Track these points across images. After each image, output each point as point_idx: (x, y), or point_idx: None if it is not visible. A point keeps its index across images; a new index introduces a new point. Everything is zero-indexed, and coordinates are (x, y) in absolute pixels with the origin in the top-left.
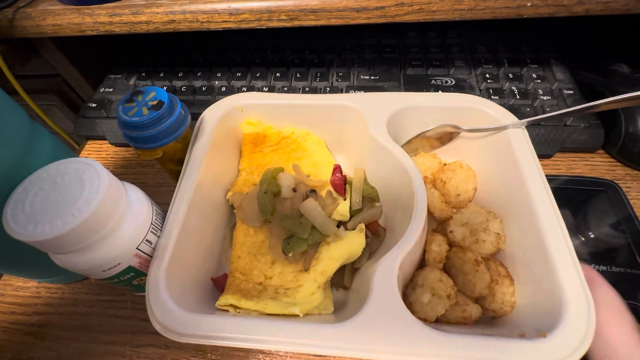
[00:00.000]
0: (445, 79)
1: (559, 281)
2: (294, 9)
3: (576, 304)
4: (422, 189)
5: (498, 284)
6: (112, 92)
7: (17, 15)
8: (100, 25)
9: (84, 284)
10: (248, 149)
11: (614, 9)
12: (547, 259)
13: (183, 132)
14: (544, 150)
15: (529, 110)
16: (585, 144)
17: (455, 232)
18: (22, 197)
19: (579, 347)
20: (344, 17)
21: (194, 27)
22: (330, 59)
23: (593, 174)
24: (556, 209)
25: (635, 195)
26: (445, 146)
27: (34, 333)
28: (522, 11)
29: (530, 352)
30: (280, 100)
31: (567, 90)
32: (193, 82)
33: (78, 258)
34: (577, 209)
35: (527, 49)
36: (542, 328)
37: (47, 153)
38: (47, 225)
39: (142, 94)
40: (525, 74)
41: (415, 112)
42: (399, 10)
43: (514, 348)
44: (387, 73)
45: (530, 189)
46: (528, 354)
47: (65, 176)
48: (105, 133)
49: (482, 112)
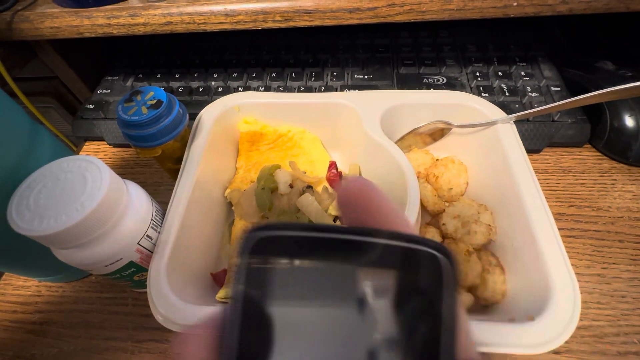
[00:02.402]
0: (437, 77)
1: (546, 269)
2: (289, 10)
3: (562, 289)
4: (415, 183)
5: (489, 273)
6: (109, 93)
7: (15, 18)
8: (98, 28)
9: (85, 282)
10: (245, 147)
11: (596, 8)
12: (535, 248)
13: (181, 130)
14: (533, 145)
15: (517, 106)
16: (572, 139)
17: (448, 225)
18: (26, 194)
19: (565, 329)
20: (337, 17)
21: (191, 28)
22: (324, 59)
23: (580, 168)
24: (544, 201)
25: (620, 187)
26: (437, 142)
27: (35, 331)
28: (508, 10)
29: (519, 335)
30: (276, 99)
31: (554, 87)
32: (190, 83)
33: (81, 253)
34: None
35: (516, 47)
36: (531, 313)
37: (48, 152)
38: (52, 220)
39: (141, 93)
40: (514, 72)
41: (408, 109)
42: (390, 10)
43: (504, 331)
44: (380, 72)
45: (519, 182)
46: (518, 336)
47: (68, 173)
48: (103, 134)
49: (472, 108)
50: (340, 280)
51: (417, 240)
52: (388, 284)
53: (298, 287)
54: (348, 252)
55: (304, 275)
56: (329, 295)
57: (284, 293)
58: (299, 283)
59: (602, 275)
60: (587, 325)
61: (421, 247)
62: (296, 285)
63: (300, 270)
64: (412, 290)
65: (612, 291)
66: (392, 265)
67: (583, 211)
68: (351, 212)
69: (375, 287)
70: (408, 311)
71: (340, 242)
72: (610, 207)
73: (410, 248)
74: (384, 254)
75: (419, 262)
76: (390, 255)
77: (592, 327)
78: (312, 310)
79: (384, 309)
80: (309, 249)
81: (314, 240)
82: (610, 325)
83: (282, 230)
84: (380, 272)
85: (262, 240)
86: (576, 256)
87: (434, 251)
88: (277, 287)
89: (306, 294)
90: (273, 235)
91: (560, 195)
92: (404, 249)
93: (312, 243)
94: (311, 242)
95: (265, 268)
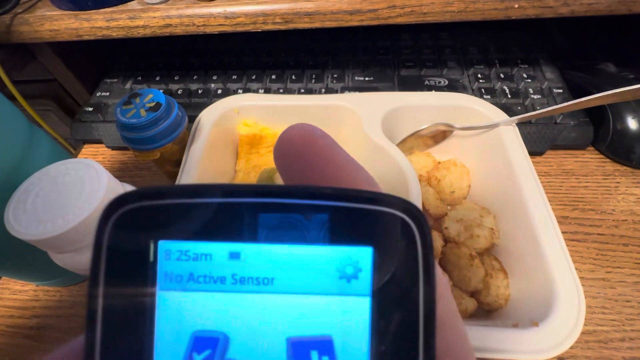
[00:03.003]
0: (438, 79)
1: (550, 273)
2: (289, 12)
3: (567, 294)
4: (417, 186)
5: (492, 278)
6: (108, 96)
7: (14, 21)
8: (98, 30)
9: (82, 287)
10: (245, 150)
11: (598, 10)
12: (539, 252)
13: (180, 133)
14: (535, 147)
15: (520, 108)
16: (575, 141)
17: (450, 228)
18: (23, 198)
19: (570, 335)
20: (338, 19)
21: (190, 30)
22: (325, 61)
23: (583, 171)
24: (547, 204)
25: (624, 190)
26: (439, 145)
27: (32, 336)
28: (510, 12)
29: (523, 341)
30: (275, 102)
31: (556, 89)
32: (189, 85)
33: (78, 257)
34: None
35: (518, 49)
36: (535, 318)
37: (46, 155)
38: (49, 224)
39: (139, 96)
40: (516, 74)
41: (409, 112)
42: (391, 12)
43: (508, 337)
44: (381, 74)
45: (522, 185)
46: (521, 342)
47: (65, 176)
48: (101, 136)
49: (474, 110)
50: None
51: (374, 199)
52: (340, 262)
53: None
54: (278, 222)
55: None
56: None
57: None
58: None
59: (607, 280)
60: (592, 330)
61: (384, 208)
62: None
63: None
64: (377, 271)
65: (617, 295)
66: (345, 238)
67: (587, 214)
68: (292, 169)
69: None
70: (376, 300)
71: (263, 207)
72: (614, 210)
73: (369, 211)
74: (334, 221)
75: (383, 231)
76: (344, 223)
77: (597, 333)
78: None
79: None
80: (216, 224)
81: (226, 210)
82: (616, 331)
83: (162, 198)
84: (328, 248)
85: (130, 215)
86: (580, 260)
87: (401, 213)
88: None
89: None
90: (151, 206)
91: (564, 198)
92: (361, 211)
93: (223, 214)
94: (222, 212)
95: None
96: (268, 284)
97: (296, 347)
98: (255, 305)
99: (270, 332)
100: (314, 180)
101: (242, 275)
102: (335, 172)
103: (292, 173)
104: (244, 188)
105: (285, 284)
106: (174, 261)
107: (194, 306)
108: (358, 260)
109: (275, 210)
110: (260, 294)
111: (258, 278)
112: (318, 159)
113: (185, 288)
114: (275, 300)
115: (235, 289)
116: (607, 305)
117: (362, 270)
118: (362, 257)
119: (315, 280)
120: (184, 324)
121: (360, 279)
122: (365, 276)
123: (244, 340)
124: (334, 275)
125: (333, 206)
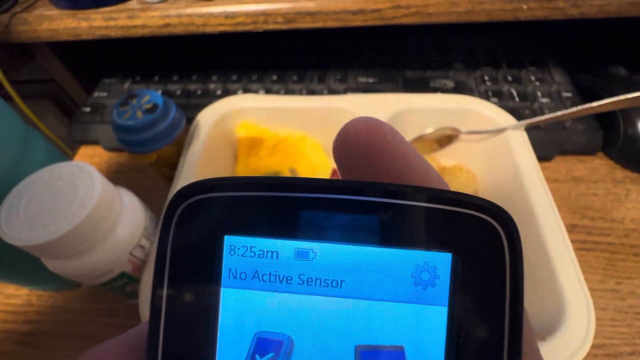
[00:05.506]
0: (444, 81)
1: (559, 285)
2: (290, 11)
3: (576, 307)
4: None
5: None
6: (106, 96)
7: (13, 21)
8: (96, 30)
9: (77, 292)
10: (244, 152)
11: (608, 12)
12: (547, 262)
13: (178, 135)
14: (544, 152)
15: (528, 112)
16: (584, 147)
17: None
18: (15, 202)
19: (580, 349)
20: (341, 19)
21: (190, 30)
22: (327, 62)
23: (593, 177)
24: (556, 212)
25: (635, 198)
26: (444, 149)
27: (25, 342)
28: (518, 13)
29: None
30: (276, 103)
31: (565, 92)
32: (188, 86)
33: (71, 264)
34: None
35: (526, 51)
36: (542, 331)
37: (41, 157)
38: (41, 229)
39: (136, 97)
40: (524, 76)
41: (414, 115)
42: (396, 12)
43: None
44: (385, 75)
45: (530, 191)
46: None
47: (59, 180)
48: (99, 138)
49: (481, 114)
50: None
51: (457, 200)
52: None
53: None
54: (348, 220)
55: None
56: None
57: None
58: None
59: (617, 291)
60: (601, 343)
61: (469, 211)
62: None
63: (267, 253)
64: (457, 279)
65: (627, 307)
66: (422, 241)
67: (596, 222)
68: (355, 164)
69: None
70: (454, 310)
71: (337, 204)
72: (624, 219)
73: (451, 212)
74: (412, 222)
75: (466, 236)
76: (422, 225)
77: (606, 346)
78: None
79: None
80: (284, 220)
81: (296, 205)
82: (626, 344)
83: (231, 190)
84: (401, 253)
85: (197, 206)
86: (589, 270)
87: (488, 218)
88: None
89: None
90: (218, 198)
91: (573, 205)
92: (442, 213)
93: (293, 209)
94: (292, 207)
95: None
96: (337, 286)
97: (365, 356)
98: (322, 308)
99: (337, 338)
100: (381, 179)
101: (310, 276)
102: (405, 170)
103: (356, 169)
104: (317, 183)
105: (355, 287)
106: (239, 257)
107: (258, 306)
108: (436, 266)
109: (349, 208)
110: (328, 297)
111: (327, 280)
112: (386, 155)
113: (250, 286)
114: (344, 304)
115: (302, 290)
116: (617, 318)
117: (440, 277)
118: (440, 263)
119: (388, 285)
120: (247, 323)
121: (437, 286)
122: (443, 284)
123: (309, 346)
124: (409, 281)
125: (412, 206)
